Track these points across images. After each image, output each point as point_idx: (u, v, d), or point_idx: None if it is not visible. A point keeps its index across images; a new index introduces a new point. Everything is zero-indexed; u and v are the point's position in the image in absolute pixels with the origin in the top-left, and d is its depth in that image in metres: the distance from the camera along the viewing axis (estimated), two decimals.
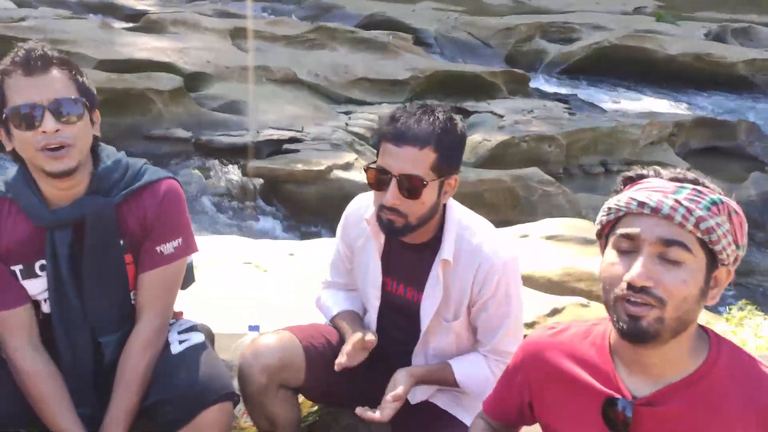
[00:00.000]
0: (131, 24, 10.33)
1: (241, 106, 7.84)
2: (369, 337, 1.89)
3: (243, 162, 6.77)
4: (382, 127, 1.85)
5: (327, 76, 8.97)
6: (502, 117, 8.31)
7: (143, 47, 8.49)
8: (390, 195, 1.79)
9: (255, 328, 2.28)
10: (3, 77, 1.68)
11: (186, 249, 1.88)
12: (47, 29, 8.45)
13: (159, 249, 1.82)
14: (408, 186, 1.78)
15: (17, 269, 1.79)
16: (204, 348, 1.84)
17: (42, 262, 1.79)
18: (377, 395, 1.87)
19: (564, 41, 13.10)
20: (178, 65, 8.14)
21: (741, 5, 16.42)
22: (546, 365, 1.43)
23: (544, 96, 10.41)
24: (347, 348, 1.88)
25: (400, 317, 2.02)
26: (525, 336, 1.78)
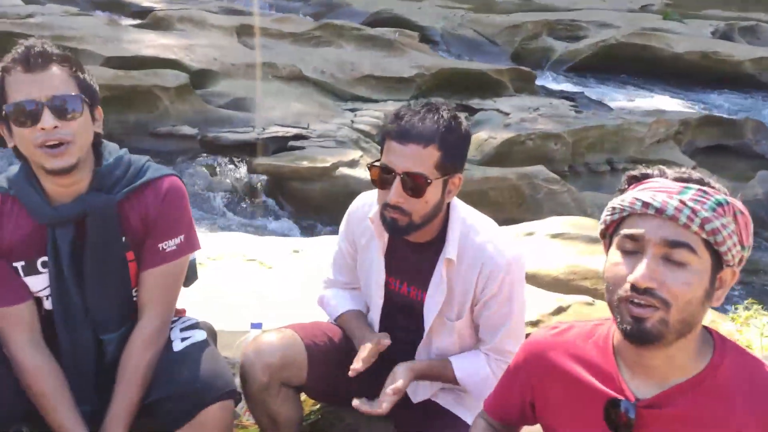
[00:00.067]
0: (138, 21, 10.34)
1: (247, 103, 7.84)
2: (385, 341, 1.91)
3: (249, 159, 6.77)
4: (386, 125, 1.84)
5: (333, 73, 8.96)
6: (508, 115, 8.28)
7: (150, 44, 8.50)
8: (393, 193, 1.78)
9: (257, 325, 2.28)
10: (3, 74, 1.68)
11: (188, 246, 1.87)
12: (54, 26, 8.47)
13: (161, 246, 1.82)
14: (412, 184, 1.77)
15: (19, 266, 1.79)
16: (206, 346, 1.84)
17: (44, 258, 1.79)
18: (379, 394, 1.86)
19: (571, 39, 13.06)
20: (184, 62, 8.15)
21: (748, 3, 16.32)
22: (548, 365, 1.41)
23: (550, 94, 10.38)
24: (363, 354, 1.86)
25: (403, 316, 2.01)
26: (528, 335, 1.77)
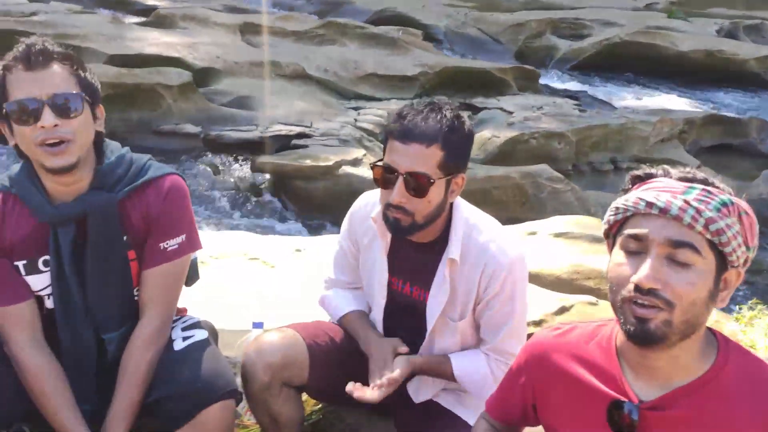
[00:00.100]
0: (141, 19, 10.35)
1: (250, 101, 7.84)
2: (403, 348, 1.93)
3: (252, 157, 6.77)
4: (389, 125, 1.83)
5: (336, 71, 8.96)
6: (511, 113, 8.27)
7: (153, 42, 8.50)
8: (396, 193, 1.77)
9: (259, 325, 2.27)
10: (4, 72, 1.68)
11: (190, 246, 1.87)
12: (58, 24, 8.48)
13: (162, 245, 1.81)
14: (414, 184, 1.76)
15: (20, 265, 1.79)
16: (207, 345, 1.83)
17: (45, 257, 1.78)
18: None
19: (575, 37, 13.04)
20: (187, 60, 8.15)
21: (754, 2, 16.26)
22: (550, 367, 1.40)
23: (554, 93, 10.36)
24: (383, 383, 1.82)
25: (405, 316, 2.00)
26: (530, 335, 1.76)
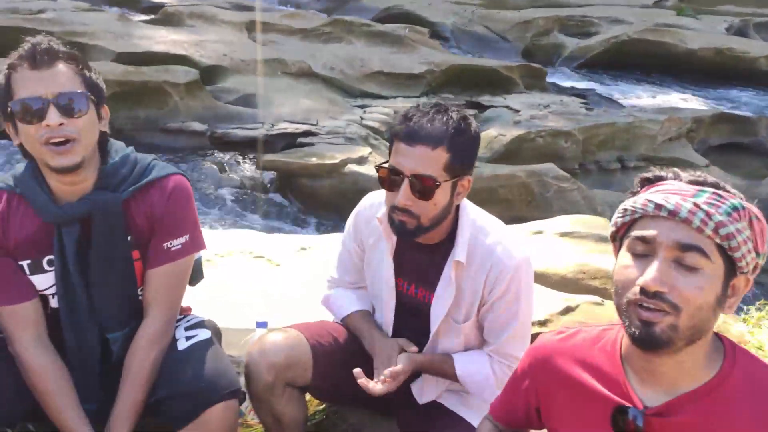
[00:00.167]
0: (149, 16, 10.37)
1: (257, 99, 7.85)
2: (412, 348, 1.93)
3: (257, 155, 6.78)
4: (394, 126, 1.82)
5: (342, 69, 8.96)
6: (518, 112, 8.26)
7: (160, 40, 8.52)
8: (402, 195, 1.77)
9: (263, 324, 2.26)
10: (10, 71, 1.68)
11: (193, 245, 1.86)
12: (66, 21, 8.51)
13: (166, 245, 1.81)
14: (420, 187, 1.75)
15: (25, 264, 1.79)
16: (210, 345, 1.83)
17: (50, 257, 1.78)
18: (384, 394, 1.85)
19: (582, 35, 13.00)
20: (194, 58, 8.17)
21: None
22: (554, 371, 1.39)
23: (561, 91, 10.34)
24: (387, 377, 1.83)
25: (410, 317, 2.00)
26: (534, 335, 1.75)
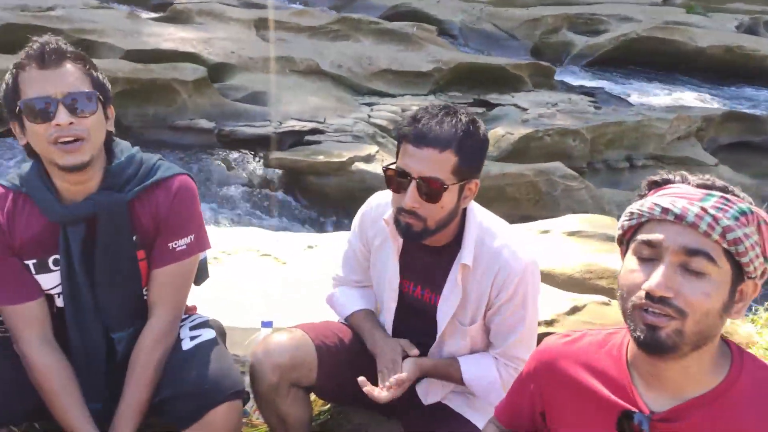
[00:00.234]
0: (158, 14, 10.38)
1: (265, 97, 7.85)
2: (414, 351, 1.92)
3: (265, 153, 6.78)
4: (402, 128, 1.81)
5: (350, 67, 8.94)
6: (526, 110, 8.22)
7: (169, 37, 8.53)
8: (409, 198, 1.76)
9: (268, 323, 2.27)
10: (18, 71, 1.68)
11: (198, 245, 1.87)
12: (75, 19, 8.52)
13: (171, 245, 1.82)
14: (427, 189, 1.74)
15: (31, 263, 1.79)
16: (215, 345, 1.83)
17: (55, 256, 1.79)
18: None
19: (591, 33, 12.93)
20: (202, 56, 8.17)
21: None
22: (559, 375, 1.38)
23: (569, 89, 10.29)
24: (392, 384, 1.82)
25: (416, 319, 1.99)
26: (541, 335, 1.74)
